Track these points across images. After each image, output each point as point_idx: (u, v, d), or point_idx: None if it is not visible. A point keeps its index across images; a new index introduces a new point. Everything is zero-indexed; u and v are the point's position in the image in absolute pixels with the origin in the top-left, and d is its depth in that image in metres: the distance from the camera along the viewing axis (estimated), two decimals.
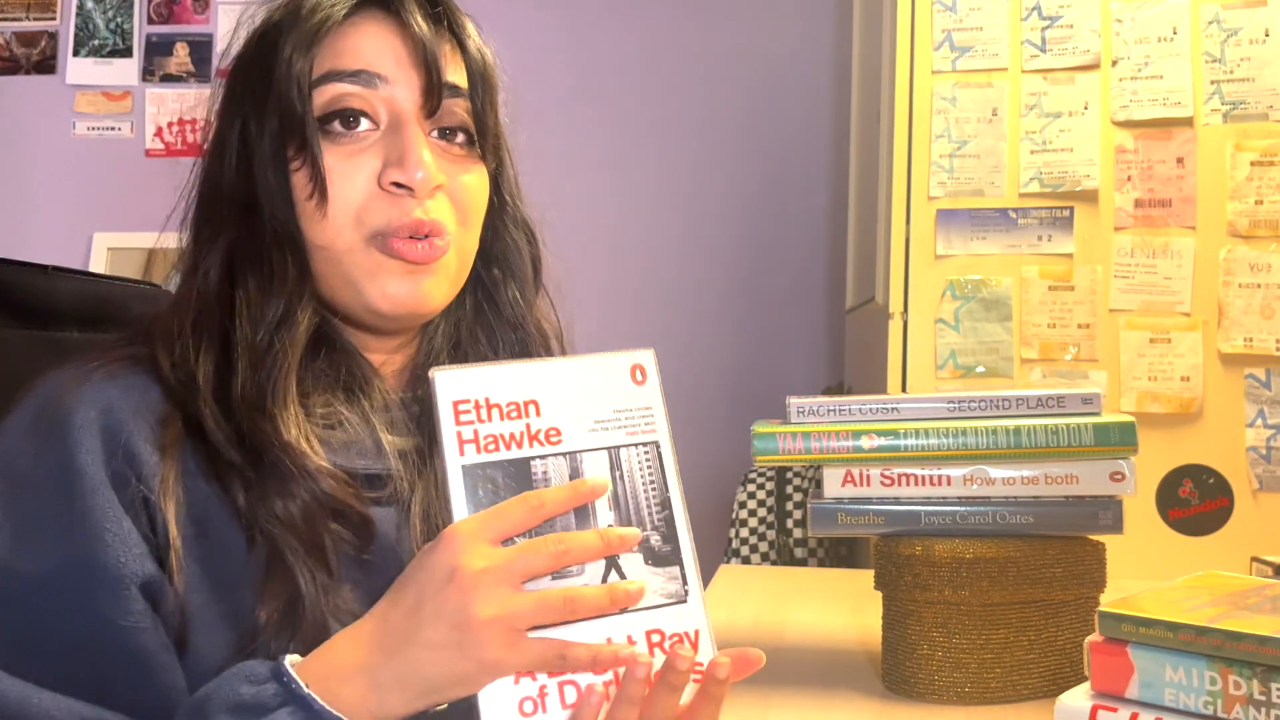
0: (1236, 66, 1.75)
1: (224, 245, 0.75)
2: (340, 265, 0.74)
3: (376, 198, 0.73)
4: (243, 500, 0.67)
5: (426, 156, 0.73)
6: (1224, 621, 0.61)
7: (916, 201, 1.84)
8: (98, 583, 0.63)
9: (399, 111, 0.74)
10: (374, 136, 0.74)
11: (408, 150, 0.72)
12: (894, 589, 0.87)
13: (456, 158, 0.77)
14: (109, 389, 0.68)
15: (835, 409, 0.87)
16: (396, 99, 0.74)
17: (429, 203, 0.73)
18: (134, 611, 0.63)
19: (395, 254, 0.73)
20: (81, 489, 0.64)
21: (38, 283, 0.91)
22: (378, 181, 0.73)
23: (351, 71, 0.73)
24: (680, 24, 2.75)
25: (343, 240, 0.73)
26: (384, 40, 0.75)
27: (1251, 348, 1.73)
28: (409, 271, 0.73)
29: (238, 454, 0.68)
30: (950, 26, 1.83)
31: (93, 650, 0.63)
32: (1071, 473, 0.85)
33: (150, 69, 2.90)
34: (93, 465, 0.65)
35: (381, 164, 0.73)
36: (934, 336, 1.82)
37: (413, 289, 0.74)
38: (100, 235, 2.83)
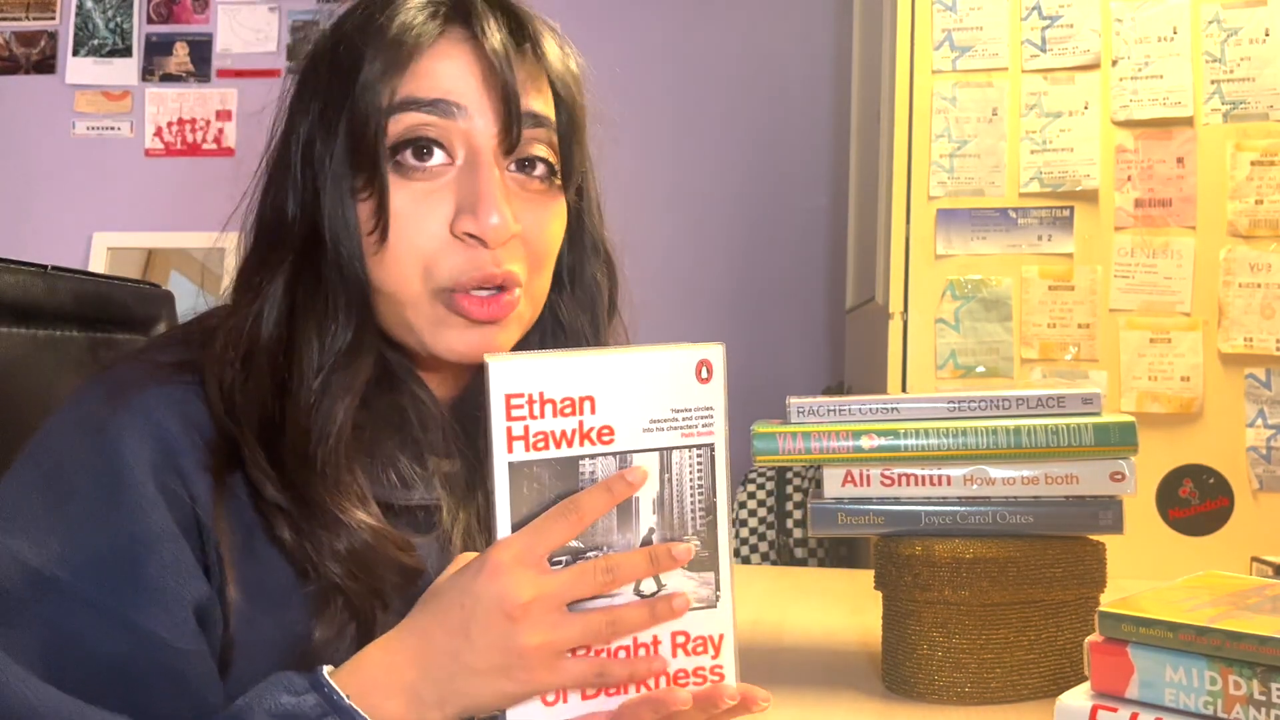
0: (1236, 66, 1.75)
1: (286, 272, 0.70)
2: (403, 312, 0.70)
3: (447, 246, 0.68)
4: (289, 538, 0.65)
5: (500, 200, 0.68)
6: (1224, 621, 0.61)
7: (916, 201, 1.84)
8: (147, 599, 0.61)
9: (476, 148, 0.69)
10: (449, 173, 0.69)
11: (482, 197, 0.68)
12: (894, 589, 0.87)
13: (534, 194, 0.72)
14: (160, 401, 0.65)
15: (835, 409, 0.87)
16: (474, 132, 0.69)
17: (501, 252, 0.69)
18: (186, 633, 0.61)
19: (463, 312, 0.69)
20: (133, 502, 0.62)
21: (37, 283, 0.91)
22: (450, 228, 0.68)
23: (429, 101, 0.68)
24: (679, 24, 2.75)
25: (409, 289, 0.69)
26: (463, 64, 0.69)
27: (1251, 348, 1.73)
28: (479, 325, 0.70)
29: (283, 498, 0.65)
30: (950, 26, 1.83)
31: (137, 666, 0.60)
32: (1071, 473, 0.85)
33: (150, 69, 2.90)
34: (144, 477, 0.62)
35: (454, 208, 0.69)
36: (934, 336, 1.82)
37: (481, 342, 0.70)
38: (100, 235, 2.83)
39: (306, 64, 0.73)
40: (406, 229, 0.68)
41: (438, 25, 0.70)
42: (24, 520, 0.62)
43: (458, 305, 0.69)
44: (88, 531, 0.61)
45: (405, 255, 0.68)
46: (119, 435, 0.63)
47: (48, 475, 0.63)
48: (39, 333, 0.90)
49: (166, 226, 2.77)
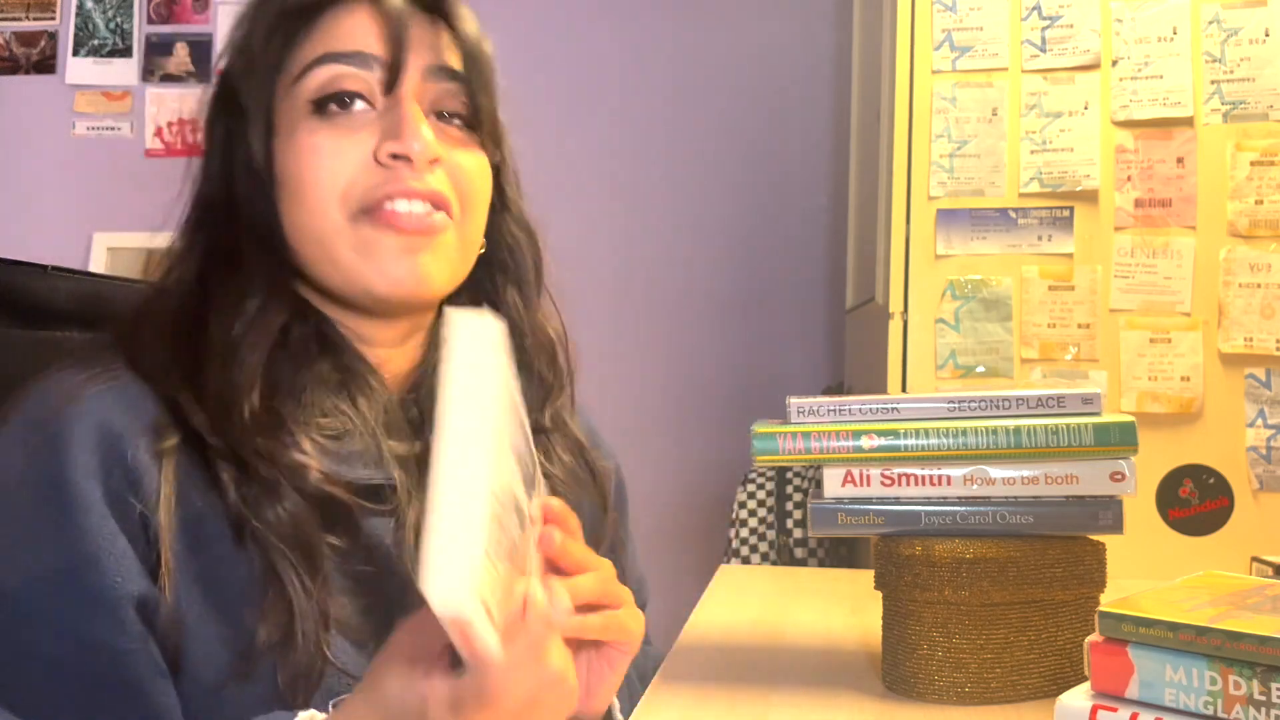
0: (1236, 66, 1.75)
1: (202, 243, 0.74)
2: (327, 248, 0.71)
3: (368, 170, 0.70)
4: (234, 499, 0.65)
5: (425, 130, 0.70)
6: (1224, 621, 0.61)
7: (916, 201, 1.84)
8: (92, 604, 0.61)
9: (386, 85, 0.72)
10: (370, 115, 0.72)
11: (404, 121, 0.70)
12: (894, 589, 0.87)
13: (455, 139, 0.74)
14: (103, 399, 0.66)
15: (835, 409, 0.87)
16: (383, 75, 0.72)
17: (428, 175, 0.71)
18: (129, 633, 0.62)
19: (387, 223, 0.70)
20: (76, 507, 0.62)
21: (37, 283, 0.90)
22: (373, 155, 0.70)
23: (347, 53, 0.71)
24: (679, 24, 2.75)
25: (328, 220, 0.70)
26: (371, 23, 0.73)
27: (1252, 348, 1.73)
28: (407, 248, 0.70)
29: (223, 444, 0.66)
30: (950, 26, 1.83)
31: (82, 672, 0.61)
32: (1072, 473, 0.85)
33: (150, 69, 2.90)
34: (88, 482, 0.62)
35: (377, 139, 0.71)
36: (934, 336, 1.82)
37: (411, 267, 0.71)
38: (100, 235, 2.83)
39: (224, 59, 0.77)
40: (324, 162, 0.70)
41: None
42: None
43: (381, 218, 0.70)
44: (33, 543, 0.62)
45: (323, 186, 0.70)
46: (62, 443, 0.63)
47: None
48: (39, 333, 0.90)
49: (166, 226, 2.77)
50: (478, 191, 0.76)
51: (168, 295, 0.73)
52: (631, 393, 2.64)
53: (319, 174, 0.70)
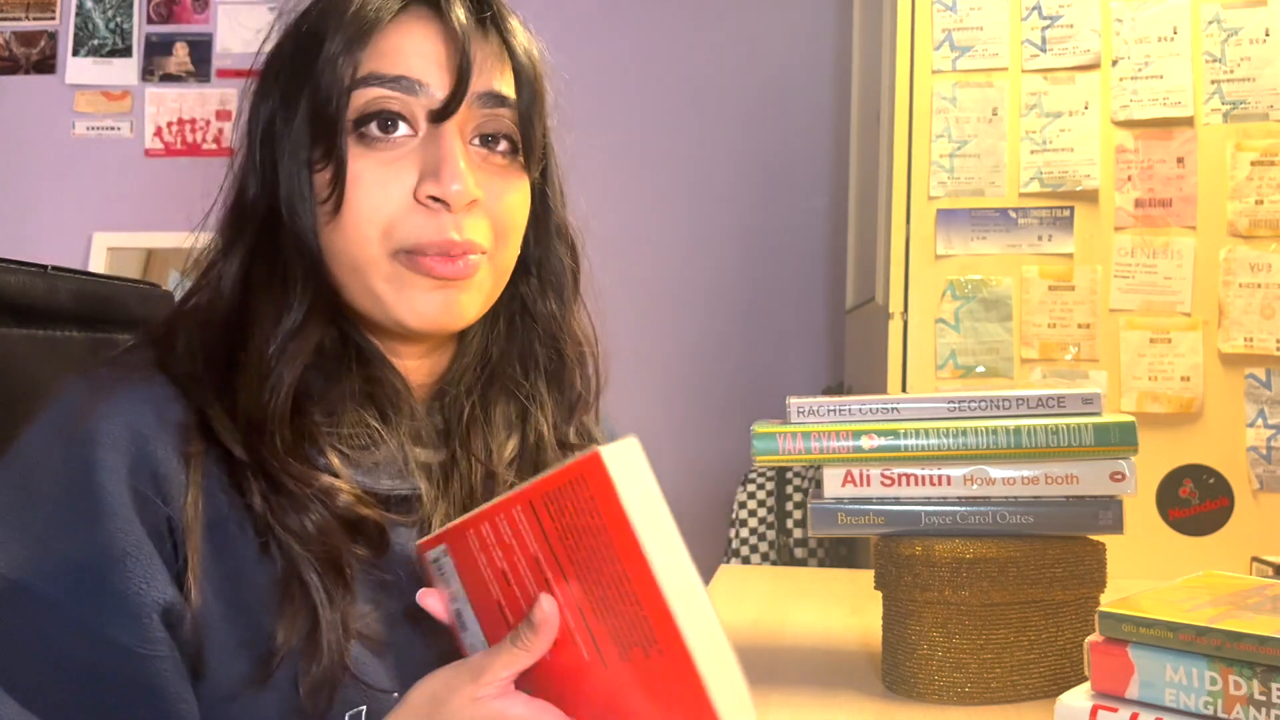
0: (1237, 66, 1.75)
1: (243, 249, 0.72)
2: (363, 277, 0.70)
3: (410, 211, 0.69)
4: (259, 504, 0.65)
5: (463, 168, 0.69)
6: (1224, 622, 0.61)
7: (916, 201, 1.84)
8: (116, 609, 0.61)
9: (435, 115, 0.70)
10: (412, 144, 0.70)
11: (444, 161, 0.69)
12: (894, 589, 0.87)
13: (498, 169, 0.73)
14: (132, 401, 0.66)
15: (835, 409, 0.87)
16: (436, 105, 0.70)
17: (465, 220, 0.70)
18: (152, 639, 0.61)
19: (425, 271, 0.69)
20: (102, 509, 0.62)
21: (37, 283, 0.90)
22: (413, 194, 0.69)
23: (392, 77, 0.69)
24: (679, 24, 2.75)
25: (367, 251, 0.70)
26: (426, 42, 0.71)
27: (1252, 348, 1.73)
28: (439, 286, 0.70)
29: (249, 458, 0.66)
30: (950, 26, 1.83)
31: (106, 678, 0.60)
32: (1072, 473, 0.85)
33: (150, 69, 2.90)
34: (115, 486, 0.62)
35: (417, 176, 0.70)
36: (934, 336, 1.82)
37: (444, 305, 0.71)
38: (100, 235, 2.83)
39: (271, 51, 0.74)
40: (367, 194, 0.69)
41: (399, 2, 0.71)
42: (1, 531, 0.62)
43: (419, 265, 0.70)
44: (58, 540, 0.61)
45: (365, 219, 0.69)
46: (91, 442, 0.63)
47: (20, 483, 0.63)
48: (39, 333, 0.90)
49: (166, 226, 2.77)
50: (515, 225, 0.75)
51: (206, 299, 0.72)
52: (631, 392, 2.63)
53: (360, 206, 0.69)
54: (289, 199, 0.70)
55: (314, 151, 0.70)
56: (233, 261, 0.72)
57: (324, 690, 0.64)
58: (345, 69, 0.69)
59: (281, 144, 0.71)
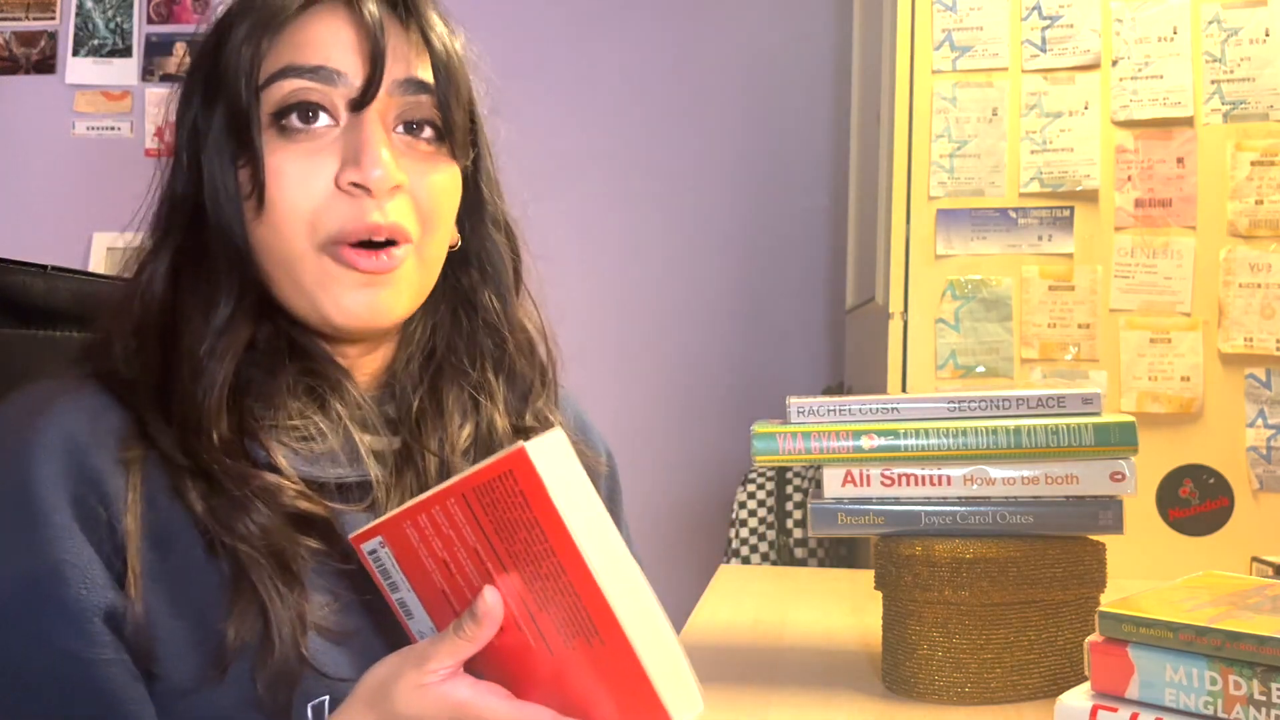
0: (1237, 66, 1.75)
1: (170, 249, 0.72)
2: (291, 271, 0.70)
3: (333, 199, 0.69)
4: (200, 508, 0.65)
5: (385, 155, 0.69)
6: (1224, 621, 0.61)
7: (916, 201, 1.84)
8: (60, 616, 0.61)
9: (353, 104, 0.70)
10: (333, 134, 0.70)
11: (364, 147, 0.69)
12: (894, 589, 0.87)
13: (423, 155, 0.73)
14: (67, 411, 0.66)
15: (835, 409, 0.87)
16: (354, 94, 0.70)
17: (388, 204, 0.70)
18: (99, 643, 0.62)
19: (348, 264, 0.69)
20: (40, 518, 0.62)
21: (37, 283, 0.90)
22: (335, 183, 0.69)
23: (310, 67, 0.70)
24: (680, 23, 2.75)
25: (295, 246, 0.69)
26: (341, 32, 0.71)
27: (1252, 348, 1.73)
28: (365, 283, 0.70)
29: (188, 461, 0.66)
30: (950, 26, 1.83)
31: (57, 685, 0.61)
32: (1071, 473, 0.85)
33: (150, 69, 2.90)
34: (53, 494, 0.62)
35: (339, 164, 0.70)
36: (934, 336, 1.82)
37: (369, 302, 0.71)
38: (100, 235, 2.83)
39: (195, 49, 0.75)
40: (290, 187, 0.69)
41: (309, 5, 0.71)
42: None
43: (343, 257, 0.69)
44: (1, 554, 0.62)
45: (289, 212, 0.69)
46: (27, 455, 0.63)
47: None
48: (39, 333, 0.90)
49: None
50: (442, 210, 0.75)
51: (136, 300, 0.72)
52: (632, 392, 2.64)
53: (284, 199, 0.69)
54: (213, 196, 0.71)
55: (234, 147, 0.70)
56: (161, 261, 0.72)
57: (281, 684, 0.64)
58: (258, 62, 0.69)
59: (204, 141, 0.71)
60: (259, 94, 0.70)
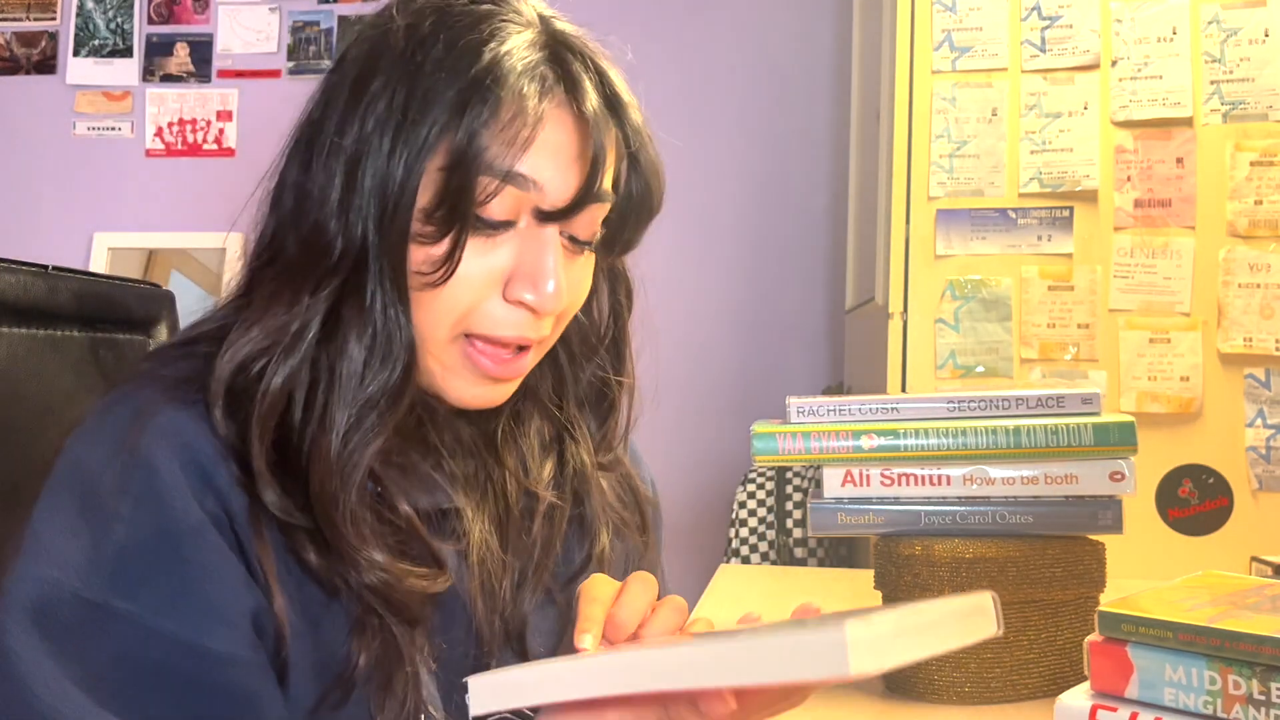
0: (1236, 66, 1.75)
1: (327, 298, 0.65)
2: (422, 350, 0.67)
3: (494, 304, 0.66)
4: (314, 560, 0.64)
5: (561, 277, 0.66)
6: (1223, 621, 0.61)
7: (916, 201, 1.84)
8: (210, 618, 0.60)
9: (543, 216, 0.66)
10: (509, 234, 0.67)
11: (544, 270, 0.66)
12: (894, 589, 0.87)
13: (573, 255, 0.70)
14: (186, 420, 0.63)
15: (835, 409, 0.87)
16: (546, 198, 0.66)
17: (546, 321, 0.68)
18: (247, 645, 0.61)
19: (477, 366, 0.67)
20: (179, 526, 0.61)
21: (37, 283, 0.90)
22: (502, 289, 0.66)
23: (532, 180, 0.65)
24: (679, 25, 2.75)
25: (437, 334, 0.67)
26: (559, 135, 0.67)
27: (1251, 348, 1.73)
28: (491, 381, 0.69)
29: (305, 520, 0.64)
30: (950, 26, 1.83)
31: (203, 688, 0.60)
32: (1071, 473, 0.85)
33: (150, 69, 2.90)
34: (187, 502, 0.61)
35: (511, 271, 0.66)
36: (934, 336, 1.82)
37: (489, 395, 0.70)
38: (100, 235, 2.83)
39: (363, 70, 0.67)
40: (460, 281, 0.66)
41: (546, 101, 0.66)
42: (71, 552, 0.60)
43: (474, 358, 0.67)
44: (137, 557, 0.60)
45: (451, 303, 0.66)
46: (153, 458, 0.62)
47: (86, 505, 0.62)
48: (39, 333, 0.90)
49: (167, 226, 2.77)
50: (579, 303, 0.74)
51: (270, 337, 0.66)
52: None
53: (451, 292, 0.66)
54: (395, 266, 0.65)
55: (427, 225, 0.65)
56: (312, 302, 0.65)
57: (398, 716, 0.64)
58: (498, 164, 0.64)
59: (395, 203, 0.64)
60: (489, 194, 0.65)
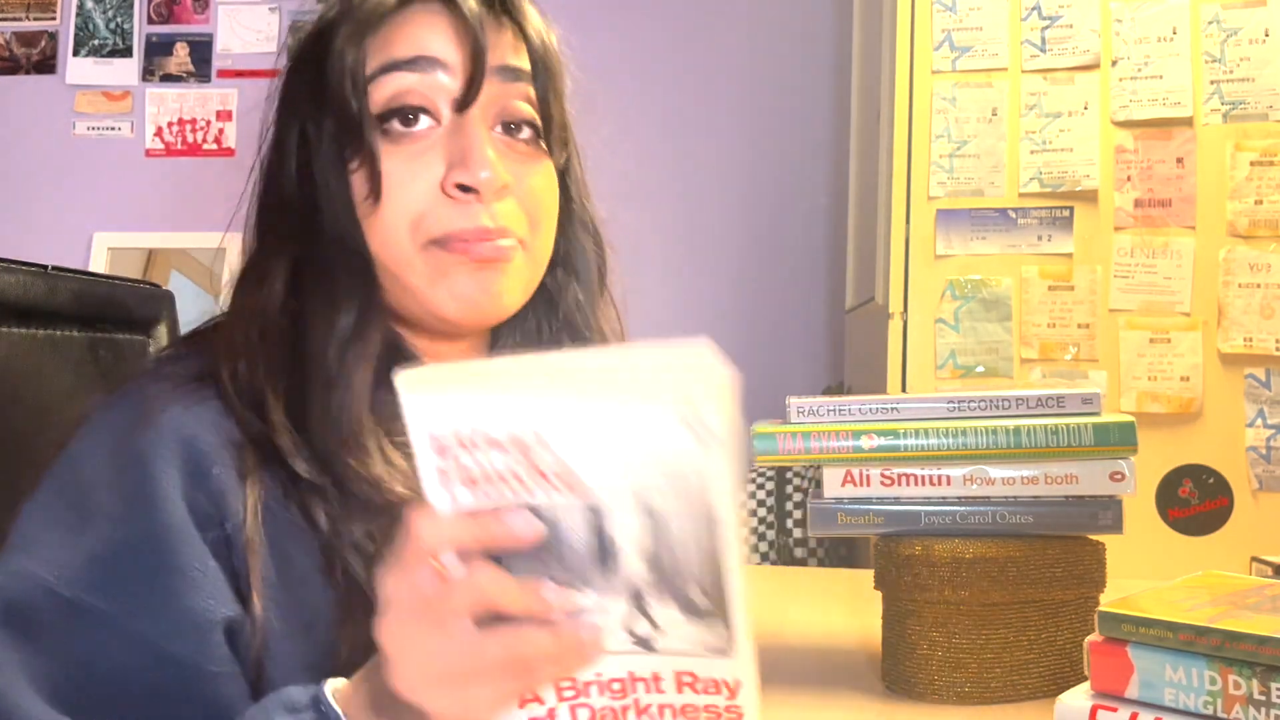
0: (1236, 66, 1.75)
1: (288, 254, 0.71)
2: (400, 272, 0.70)
3: (439, 203, 0.69)
4: (324, 523, 0.64)
5: (491, 154, 0.69)
6: (1224, 621, 0.61)
7: (916, 201, 1.84)
8: (181, 625, 0.60)
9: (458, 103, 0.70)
10: (435, 134, 0.70)
11: (470, 148, 0.68)
12: (894, 589, 0.87)
13: (522, 155, 0.73)
14: (186, 417, 0.64)
15: (835, 409, 0.87)
16: (455, 90, 0.69)
17: (496, 206, 0.69)
18: (218, 656, 0.60)
19: (459, 253, 0.69)
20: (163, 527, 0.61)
21: (37, 283, 0.90)
22: (440, 186, 0.69)
23: (408, 59, 0.69)
24: (680, 24, 2.75)
25: (399, 248, 0.69)
26: (437, 25, 0.70)
27: (1251, 348, 1.73)
28: (478, 268, 0.69)
29: (319, 478, 0.65)
30: (950, 26, 1.83)
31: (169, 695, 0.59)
32: (1071, 473, 0.85)
33: (150, 69, 2.90)
34: (176, 504, 0.61)
35: (445, 166, 0.69)
36: (934, 336, 1.82)
37: (484, 286, 0.70)
38: (100, 235, 2.83)
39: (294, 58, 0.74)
40: (397, 190, 0.69)
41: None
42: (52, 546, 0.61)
43: (454, 248, 0.69)
44: (117, 557, 0.61)
45: (395, 214, 0.69)
46: (148, 458, 0.62)
47: (75, 500, 0.62)
48: (39, 333, 0.90)
49: (167, 226, 2.77)
50: (546, 210, 0.74)
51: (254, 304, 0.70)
52: None
53: (393, 201, 0.69)
54: (329, 203, 0.70)
55: (345, 150, 0.69)
56: (278, 266, 0.71)
57: None
58: (358, 60, 0.69)
59: (316, 148, 0.70)
60: (364, 90, 0.69)
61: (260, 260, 0.72)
